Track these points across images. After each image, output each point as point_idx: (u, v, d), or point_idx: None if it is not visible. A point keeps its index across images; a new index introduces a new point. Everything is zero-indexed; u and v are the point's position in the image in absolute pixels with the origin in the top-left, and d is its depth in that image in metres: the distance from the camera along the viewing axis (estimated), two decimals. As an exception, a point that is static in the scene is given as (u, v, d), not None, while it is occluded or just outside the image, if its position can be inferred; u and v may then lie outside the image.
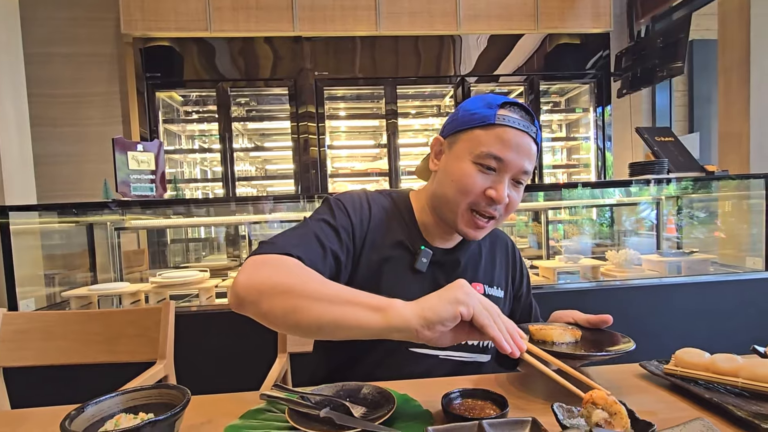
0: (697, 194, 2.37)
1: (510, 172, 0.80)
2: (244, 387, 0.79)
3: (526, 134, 0.80)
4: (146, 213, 2.16)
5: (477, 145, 0.81)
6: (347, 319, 0.63)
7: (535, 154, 0.83)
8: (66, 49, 3.15)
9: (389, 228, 0.89)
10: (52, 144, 3.14)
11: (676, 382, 0.66)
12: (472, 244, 0.95)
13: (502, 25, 3.27)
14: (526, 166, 0.81)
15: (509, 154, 0.79)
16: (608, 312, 1.93)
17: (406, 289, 0.84)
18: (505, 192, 0.80)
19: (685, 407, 0.63)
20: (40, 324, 1.14)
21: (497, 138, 0.79)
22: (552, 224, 3.03)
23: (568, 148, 3.96)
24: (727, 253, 2.26)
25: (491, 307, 0.63)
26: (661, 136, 2.34)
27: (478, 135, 0.81)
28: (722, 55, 2.40)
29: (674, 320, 1.88)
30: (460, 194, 0.82)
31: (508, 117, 0.80)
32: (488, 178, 0.80)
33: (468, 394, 0.65)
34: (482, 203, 0.81)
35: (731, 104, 2.34)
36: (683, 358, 0.67)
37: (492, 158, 0.79)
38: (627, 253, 2.10)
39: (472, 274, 0.93)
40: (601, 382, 0.71)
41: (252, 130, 3.77)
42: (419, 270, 0.87)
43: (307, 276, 0.69)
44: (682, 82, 3.82)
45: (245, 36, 3.09)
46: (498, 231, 1.05)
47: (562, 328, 0.79)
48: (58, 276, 2.15)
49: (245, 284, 0.67)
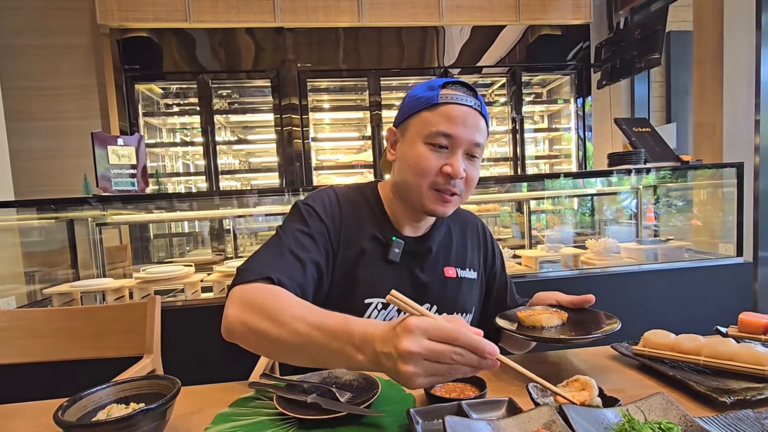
0: (674, 183, 2.44)
1: (461, 147, 0.83)
2: (232, 380, 0.80)
3: (471, 108, 0.84)
4: (128, 208, 2.13)
5: (426, 126, 0.83)
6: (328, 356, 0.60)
7: (485, 127, 0.87)
8: (40, 41, 3.07)
9: (361, 222, 0.91)
10: (29, 139, 3.07)
11: (644, 361, 0.71)
12: (442, 230, 0.98)
13: (484, 16, 3.29)
14: (477, 138, 0.84)
15: (457, 129, 0.82)
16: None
17: (383, 281, 0.89)
18: (460, 166, 0.82)
19: (652, 385, 0.67)
20: (23, 322, 1.13)
21: (443, 116, 0.82)
22: (534, 214, 3.08)
23: (550, 138, 4.02)
24: (702, 240, 2.34)
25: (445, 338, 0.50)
26: (638, 126, 2.40)
27: (426, 117, 0.84)
28: (697, 48, 2.46)
29: (650, 305, 1.95)
30: (418, 177, 0.84)
31: (450, 95, 0.83)
32: (442, 155, 0.83)
33: None
34: (441, 181, 0.83)
35: (705, 96, 2.40)
36: (651, 339, 0.71)
37: (441, 136, 0.82)
38: (606, 241, 2.16)
39: (444, 259, 0.96)
40: (576, 362, 0.75)
41: (235, 122, 3.73)
42: (393, 260, 0.89)
43: (284, 313, 0.64)
44: (659, 73, 3.90)
45: (226, 27, 3.05)
46: (468, 215, 1.08)
47: (549, 312, 0.81)
48: (39, 273, 2.12)
49: (233, 321, 0.67)
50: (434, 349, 0.49)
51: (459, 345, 0.49)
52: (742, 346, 0.67)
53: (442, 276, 0.94)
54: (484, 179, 2.05)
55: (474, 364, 0.50)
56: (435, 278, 0.93)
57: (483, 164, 3.76)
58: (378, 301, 0.86)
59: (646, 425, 0.48)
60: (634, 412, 0.53)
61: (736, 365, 0.65)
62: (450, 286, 0.94)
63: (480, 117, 0.85)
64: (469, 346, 0.49)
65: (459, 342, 0.49)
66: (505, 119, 3.59)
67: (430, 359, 0.49)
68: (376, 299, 0.86)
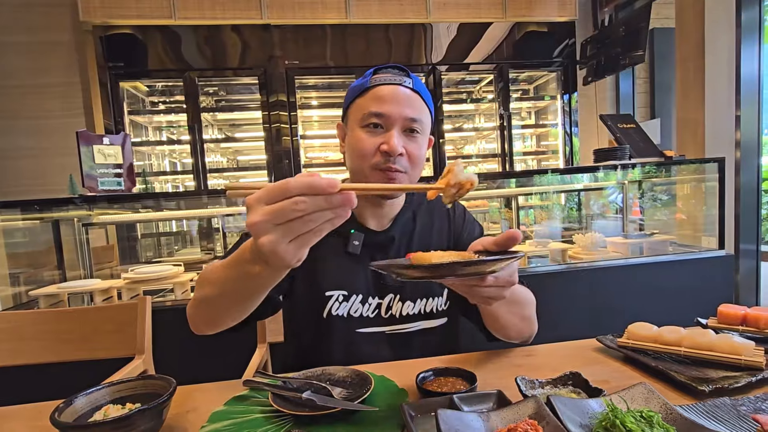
0: (658, 178, 2.49)
1: (396, 124, 0.85)
2: (225, 379, 0.81)
3: (401, 86, 0.86)
4: (114, 208, 2.11)
5: (359, 111, 0.87)
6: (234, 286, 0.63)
7: (422, 105, 0.88)
8: (21, 38, 3.01)
9: None
10: (12, 137, 3.01)
11: (628, 353, 0.73)
12: (406, 218, 0.98)
13: (471, 13, 3.31)
14: (410, 113, 0.85)
15: (388, 107, 0.84)
16: (575, 292, 2.01)
17: (344, 274, 0.91)
18: (397, 142, 0.83)
19: (635, 375, 0.69)
20: (11, 324, 1.12)
21: (374, 98, 0.86)
22: (523, 210, 3.12)
23: (538, 135, 4.06)
24: (685, 233, 2.39)
25: (279, 194, 0.48)
26: (623, 123, 2.44)
27: (359, 103, 0.88)
28: (679, 45, 2.51)
29: (635, 297, 1.99)
30: (360, 160, 0.86)
31: (380, 78, 0.87)
32: (378, 135, 0.85)
33: (440, 372, 0.70)
34: (381, 160, 0.85)
35: (688, 92, 2.45)
36: (635, 331, 0.73)
37: (373, 116, 0.85)
38: (593, 236, 2.20)
39: (407, 246, 0.96)
40: (561, 354, 0.77)
41: (222, 120, 3.70)
42: (353, 253, 0.91)
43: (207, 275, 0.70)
44: (644, 70, 3.96)
45: (212, 24, 3.02)
46: (436, 201, 1.03)
47: (447, 253, 0.61)
48: (24, 275, 2.09)
49: (187, 311, 0.75)
50: (274, 210, 0.47)
51: (294, 194, 0.47)
52: (721, 336, 0.69)
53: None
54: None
55: (323, 204, 0.47)
56: None
57: (471, 161, 3.78)
58: (339, 293, 0.89)
59: (628, 414, 0.50)
60: (618, 402, 0.55)
61: (714, 355, 0.68)
62: None
63: (414, 94, 0.87)
64: (306, 190, 0.47)
65: (292, 190, 0.47)
66: (493, 116, 3.62)
67: (279, 222, 0.47)
68: (337, 291, 0.90)
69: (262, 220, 0.47)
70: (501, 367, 0.77)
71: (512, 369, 0.75)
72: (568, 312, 1.93)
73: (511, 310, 0.80)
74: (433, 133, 3.32)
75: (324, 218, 0.49)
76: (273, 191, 0.48)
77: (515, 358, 0.66)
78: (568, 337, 0.85)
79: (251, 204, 0.49)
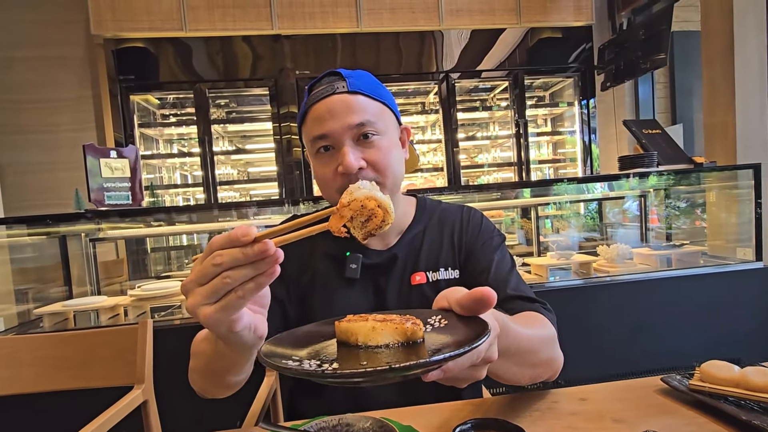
0: (684, 186, 2.37)
1: (344, 137, 0.75)
2: (232, 403, 0.75)
3: (336, 95, 0.76)
4: (125, 221, 2.06)
5: (307, 139, 0.79)
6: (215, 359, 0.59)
7: (369, 102, 0.77)
8: (32, 53, 3.01)
9: (313, 242, 0.82)
10: (20, 152, 2.99)
11: (703, 399, 0.60)
12: (413, 235, 0.87)
13: (484, 19, 3.24)
14: (353, 119, 0.74)
15: (327, 124, 0.75)
16: (601, 308, 1.89)
17: (344, 301, 0.81)
18: (351, 158, 0.73)
19: (718, 429, 0.57)
20: (6, 350, 1.05)
21: (313, 120, 0.77)
22: (540, 219, 3.01)
23: (554, 142, 3.95)
24: (716, 244, 2.26)
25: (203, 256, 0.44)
26: (648, 128, 2.33)
27: (304, 130, 0.80)
28: (706, 46, 2.39)
29: (668, 314, 1.86)
30: (324, 190, 0.80)
31: (313, 95, 0.78)
32: (332, 158, 0.76)
33: (480, 425, 0.58)
34: (343, 183, 0.75)
35: (716, 95, 2.33)
36: (710, 371, 0.61)
37: (318, 140, 0.76)
38: (618, 247, 2.08)
39: (413, 265, 0.85)
40: (615, 399, 0.66)
41: (233, 132, 3.67)
42: (352, 278, 0.81)
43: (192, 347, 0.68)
44: (663, 74, 3.85)
45: (222, 35, 2.99)
46: (450, 209, 0.93)
47: (388, 320, 0.47)
48: (31, 291, 2.04)
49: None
50: (198, 271, 0.43)
51: (214, 249, 0.42)
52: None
53: (409, 285, 0.83)
54: (493, 186, 1.98)
55: (239, 257, 0.41)
56: (401, 289, 0.83)
57: (485, 170, 3.68)
58: None
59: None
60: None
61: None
62: (416, 295, 0.82)
63: (353, 96, 0.76)
64: (224, 243, 0.41)
65: (213, 246, 0.42)
66: (508, 124, 3.52)
67: (202, 282, 0.43)
68: None
69: (188, 281, 0.44)
70: (550, 415, 0.64)
71: (565, 419, 0.62)
72: (596, 330, 1.81)
73: (517, 363, 0.63)
74: (447, 142, 3.26)
75: (244, 276, 0.42)
76: (200, 273, 0.43)
77: (566, 403, 0.55)
78: (601, 358, 0.74)
79: (186, 289, 0.45)
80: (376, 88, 0.80)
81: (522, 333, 0.62)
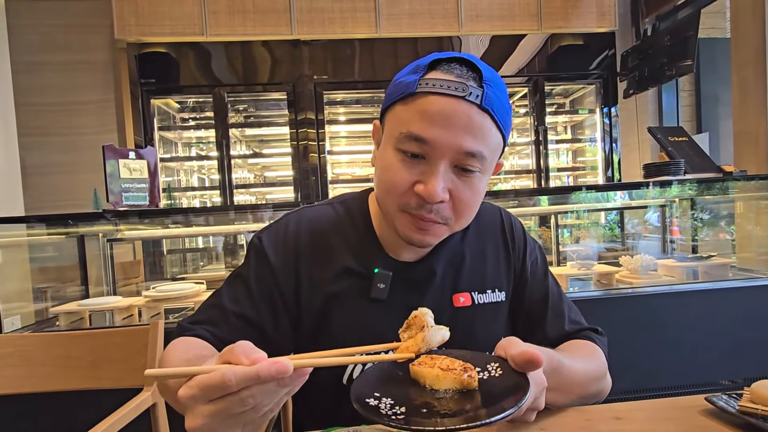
0: (711, 196, 2.28)
1: (444, 157, 0.59)
2: None
3: (463, 100, 0.58)
4: (144, 222, 2.07)
5: (397, 123, 0.62)
6: None
7: (492, 129, 0.61)
8: (57, 57, 3.07)
9: (330, 255, 0.72)
10: (43, 154, 3.05)
11: (756, 423, 0.54)
12: (452, 244, 0.74)
13: (504, 25, 3.20)
14: (467, 145, 0.59)
15: (435, 131, 0.58)
16: (624, 320, 1.81)
17: (365, 325, 0.69)
18: (440, 185, 0.59)
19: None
20: (18, 348, 1.04)
21: (419, 112, 0.59)
22: (559, 228, 2.94)
23: (574, 150, 3.88)
24: (746, 256, 2.16)
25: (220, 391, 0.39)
26: (674, 135, 2.25)
27: (399, 112, 0.62)
28: (736, 51, 2.32)
29: (696, 328, 1.78)
30: (386, 194, 0.64)
31: (433, 81, 0.59)
32: (416, 168, 0.60)
33: None
34: (412, 204, 0.61)
35: (747, 103, 2.25)
36: (761, 392, 0.56)
37: (413, 140, 0.59)
38: (642, 258, 2.00)
39: (453, 283, 0.73)
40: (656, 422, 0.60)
41: (250, 136, 3.69)
42: (379, 298, 0.69)
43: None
44: (688, 82, 3.75)
45: (242, 40, 3.02)
46: (488, 212, 0.81)
47: (450, 369, 0.50)
48: (49, 290, 2.06)
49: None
50: (219, 410, 0.38)
51: (236, 389, 0.37)
52: None
53: (451, 307, 0.72)
54: (510, 192, 1.93)
55: (275, 389, 0.38)
56: (442, 311, 0.69)
57: (502, 176, 3.62)
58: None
59: None
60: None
61: None
62: (462, 319, 0.71)
63: (482, 114, 0.59)
64: (250, 382, 0.37)
65: (233, 386, 0.37)
66: (527, 130, 3.46)
67: (224, 417, 0.39)
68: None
69: (204, 423, 0.39)
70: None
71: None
72: (618, 343, 1.74)
73: (567, 396, 0.61)
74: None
75: (277, 397, 0.40)
76: (209, 389, 0.38)
77: (599, 422, 0.51)
78: (625, 372, 0.68)
79: (186, 403, 0.39)
80: (506, 113, 0.64)
81: (575, 368, 0.62)
